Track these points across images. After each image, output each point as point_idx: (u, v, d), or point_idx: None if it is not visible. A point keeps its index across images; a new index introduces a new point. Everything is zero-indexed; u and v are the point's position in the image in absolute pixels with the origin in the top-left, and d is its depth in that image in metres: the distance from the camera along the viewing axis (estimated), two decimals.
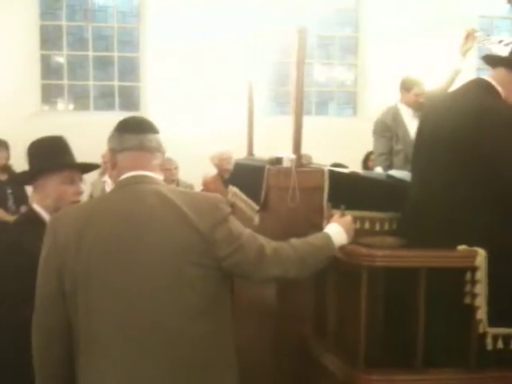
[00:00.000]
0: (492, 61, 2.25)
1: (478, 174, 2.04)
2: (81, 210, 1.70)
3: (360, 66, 7.46)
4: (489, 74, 2.24)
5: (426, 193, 2.23)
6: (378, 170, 3.66)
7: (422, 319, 2.01)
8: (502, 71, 2.18)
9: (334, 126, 7.13)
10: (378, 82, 6.87)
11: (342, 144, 6.55)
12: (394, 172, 2.81)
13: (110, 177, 1.78)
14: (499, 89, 2.17)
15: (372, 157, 5.85)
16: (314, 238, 1.89)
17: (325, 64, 7.72)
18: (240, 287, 2.39)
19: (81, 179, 2.17)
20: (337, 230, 1.96)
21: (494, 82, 2.18)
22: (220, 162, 5.52)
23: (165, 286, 1.56)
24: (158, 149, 1.73)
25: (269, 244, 1.72)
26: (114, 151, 1.72)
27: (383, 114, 4.00)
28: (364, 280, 1.98)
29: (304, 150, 5.81)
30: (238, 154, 3.98)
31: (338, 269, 2.13)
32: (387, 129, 3.90)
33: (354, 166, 6.02)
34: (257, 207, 2.49)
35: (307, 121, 7.31)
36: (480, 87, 2.20)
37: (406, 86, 4.01)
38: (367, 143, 4.94)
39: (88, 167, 2.23)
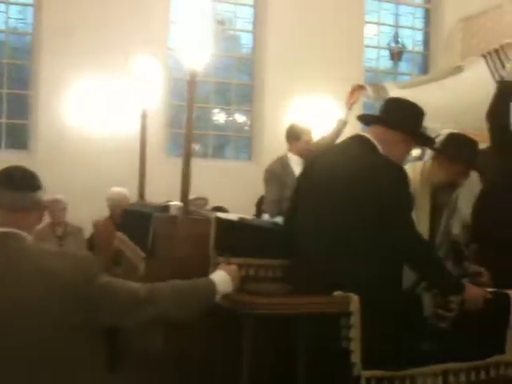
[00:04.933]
0: (367, 120, 2.43)
1: (371, 226, 2.16)
2: None
3: (255, 113, 7.71)
4: (367, 131, 2.41)
5: (316, 241, 2.30)
6: (265, 217, 3.78)
7: (303, 366, 2.08)
8: (378, 129, 2.35)
9: (230, 170, 7.26)
10: (271, 129, 7.12)
11: (237, 187, 6.68)
12: (280, 219, 2.91)
13: None
14: (378, 145, 2.31)
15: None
16: (195, 280, 1.94)
17: (222, 109, 7.90)
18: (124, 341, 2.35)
19: None
20: (222, 278, 2.00)
21: (372, 139, 2.33)
22: (115, 204, 5.37)
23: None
24: (34, 207, 1.70)
25: (144, 286, 1.75)
26: None
27: (273, 163, 4.14)
28: (247, 327, 2.02)
29: (201, 192, 5.84)
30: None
31: (223, 316, 2.15)
32: (276, 177, 4.05)
33: (250, 209, 6.19)
34: (143, 255, 2.47)
35: (204, 163, 7.40)
36: (360, 142, 2.35)
37: (295, 135, 4.18)
38: (261, 187, 5.09)
39: None
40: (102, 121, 6.55)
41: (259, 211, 6.32)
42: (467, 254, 2.71)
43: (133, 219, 2.94)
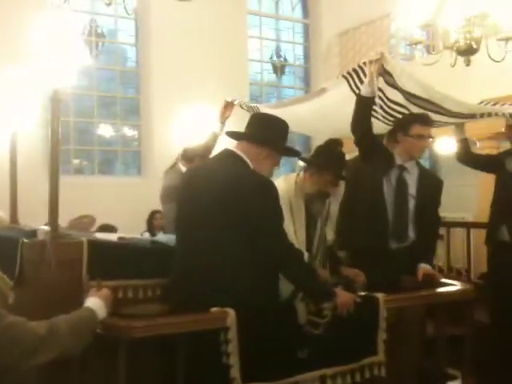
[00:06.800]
0: (234, 136, 2.46)
1: (243, 239, 2.19)
2: None
3: (143, 127, 7.57)
4: (235, 146, 2.44)
5: (191, 257, 2.30)
6: (146, 235, 3.68)
7: None
8: (245, 144, 2.39)
9: (119, 185, 7.07)
10: (160, 142, 7.04)
11: (128, 203, 6.50)
12: (160, 236, 2.87)
13: None
14: (246, 159, 2.36)
15: (157, 215, 5.92)
16: (78, 312, 1.90)
17: (109, 123, 7.67)
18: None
19: None
20: (96, 304, 1.96)
21: (240, 153, 2.38)
22: None
23: None
24: None
25: (42, 325, 1.71)
26: None
27: (171, 179, 3.92)
28: (122, 353, 1.96)
29: (90, 210, 5.55)
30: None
31: (97, 343, 2.07)
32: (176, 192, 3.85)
33: (141, 226, 6.04)
34: (11, 283, 2.33)
35: (92, 180, 7.04)
36: (231, 157, 2.38)
37: (191, 157, 4.06)
38: (152, 202, 4.97)
39: None
40: None
41: (150, 227, 6.20)
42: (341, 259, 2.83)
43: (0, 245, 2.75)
